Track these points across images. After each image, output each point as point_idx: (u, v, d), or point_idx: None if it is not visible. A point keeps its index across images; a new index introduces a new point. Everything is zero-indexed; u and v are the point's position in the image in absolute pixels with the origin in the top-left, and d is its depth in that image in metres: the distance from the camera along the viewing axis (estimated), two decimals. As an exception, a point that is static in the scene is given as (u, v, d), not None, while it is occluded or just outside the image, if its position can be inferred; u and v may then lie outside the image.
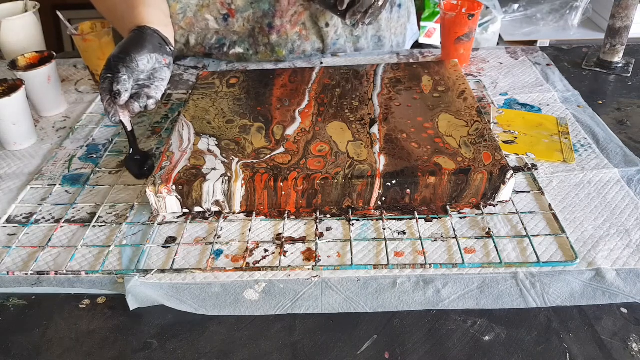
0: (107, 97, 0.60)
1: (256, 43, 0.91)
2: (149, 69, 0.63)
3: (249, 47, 0.92)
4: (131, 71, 0.60)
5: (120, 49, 0.62)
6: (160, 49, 0.65)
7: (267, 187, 0.56)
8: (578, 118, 0.73)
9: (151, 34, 0.66)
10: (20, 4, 0.95)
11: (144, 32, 0.65)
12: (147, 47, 0.63)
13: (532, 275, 0.49)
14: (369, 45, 0.97)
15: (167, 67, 0.65)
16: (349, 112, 0.67)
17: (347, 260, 0.52)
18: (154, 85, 0.62)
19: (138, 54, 0.62)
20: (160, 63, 0.64)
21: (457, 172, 0.55)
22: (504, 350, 0.43)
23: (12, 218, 0.61)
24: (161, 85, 0.64)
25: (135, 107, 0.61)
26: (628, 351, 0.43)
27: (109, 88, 0.59)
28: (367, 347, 0.44)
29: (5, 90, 0.73)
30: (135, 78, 0.61)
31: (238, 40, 0.92)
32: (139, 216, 0.59)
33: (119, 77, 0.59)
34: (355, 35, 0.94)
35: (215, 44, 0.93)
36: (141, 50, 0.62)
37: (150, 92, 0.62)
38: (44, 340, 0.46)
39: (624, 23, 0.82)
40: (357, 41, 0.95)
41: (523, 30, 1.59)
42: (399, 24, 0.98)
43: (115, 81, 0.59)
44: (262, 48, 0.92)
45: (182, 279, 0.51)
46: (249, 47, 0.92)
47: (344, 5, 0.76)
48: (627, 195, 0.58)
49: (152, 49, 0.64)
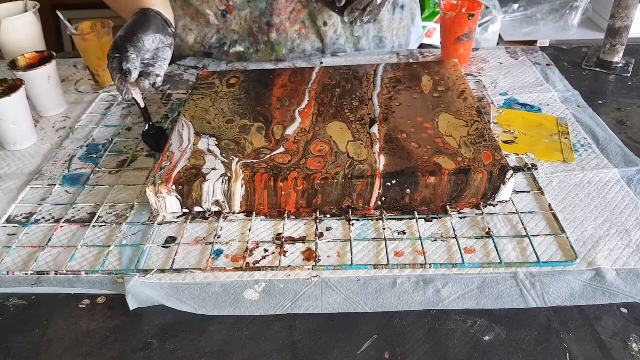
0: (118, 76, 0.62)
1: (256, 42, 0.91)
2: (153, 48, 0.66)
3: (250, 46, 0.92)
4: (138, 50, 0.63)
5: (127, 30, 0.65)
6: (163, 30, 0.68)
7: (267, 187, 0.56)
8: (578, 118, 0.73)
9: (154, 16, 0.68)
10: (20, 4, 0.95)
11: (148, 14, 0.68)
12: (151, 27, 0.66)
13: (532, 275, 0.49)
14: (370, 46, 0.97)
15: (169, 47, 0.69)
16: (349, 112, 0.67)
17: (347, 260, 0.52)
18: (157, 65, 0.65)
19: (144, 34, 0.64)
20: (163, 43, 0.67)
21: (457, 172, 0.55)
22: (504, 350, 0.43)
23: (12, 218, 0.61)
24: (164, 64, 0.67)
25: (145, 84, 0.63)
26: (628, 351, 0.43)
27: (119, 67, 0.62)
28: (367, 347, 0.44)
29: (5, 90, 0.73)
30: (142, 57, 0.64)
31: (238, 39, 0.92)
32: (139, 216, 0.59)
33: (128, 56, 0.61)
34: (356, 36, 0.94)
35: (216, 43, 0.93)
36: (146, 30, 0.65)
37: (156, 71, 0.64)
38: (44, 340, 0.46)
39: (624, 23, 0.82)
40: (357, 42, 0.95)
41: (523, 30, 1.59)
42: (401, 25, 0.98)
43: (124, 60, 0.61)
44: (262, 46, 0.92)
45: (182, 279, 0.51)
46: (250, 46, 0.92)
47: (342, 2, 0.76)
48: (627, 195, 0.58)
49: (156, 29, 0.66)
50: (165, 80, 0.91)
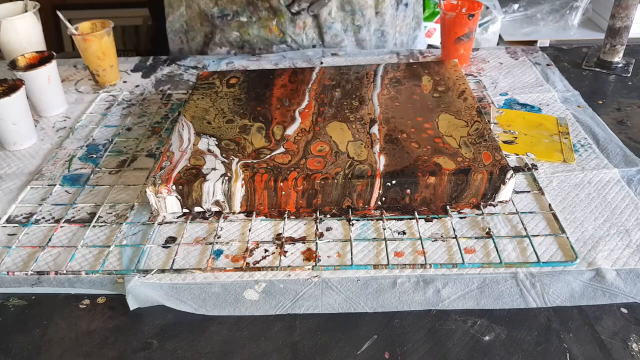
0: None
1: (257, 10, 0.93)
2: None
3: (251, 15, 0.94)
4: None
5: None
6: None
7: (267, 187, 0.56)
8: (578, 118, 0.73)
9: None
10: (20, 4, 0.95)
11: None
12: None
13: (532, 275, 0.49)
14: (372, 39, 0.97)
15: None
16: (349, 112, 0.67)
17: (347, 260, 0.52)
18: None
19: None
20: None
21: (457, 172, 0.55)
22: (504, 350, 0.43)
23: (12, 218, 0.61)
24: None
25: None
26: (628, 351, 0.43)
27: None
28: (367, 347, 0.44)
29: (5, 90, 0.73)
30: None
31: (239, 10, 0.94)
32: (139, 216, 0.59)
33: None
34: (356, 25, 0.95)
35: (218, 13, 0.95)
36: None
37: None
38: (44, 340, 0.46)
39: (624, 23, 0.82)
40: (358, 31, 0.95)
41: (523, 30, 1.59)
42: (404, 22, 0.99)
43: None
44: (264, 13, 0.93)
45: (182, 279, 0.51)
46: (251, 15, 0.94)
47: None
48: (627, 195, 0.58)
49: None
50: (165, 80, 0.91)
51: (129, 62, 0.98)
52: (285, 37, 0.94)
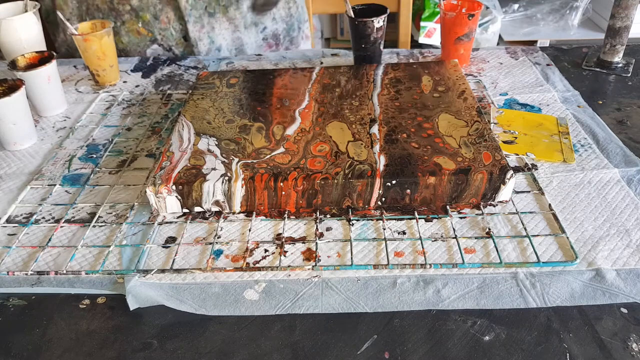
0: None
1: (119, 14, 0.95)
2: None
3: (115, 20, 0.97)
4: None
5: None
6: None
7: (267, 187, 0.56)
8: (578, 118, 0.73)
9: None
10: (20, 4, 0.95)
11: None
12: None
13: (532, 275, 0.49)
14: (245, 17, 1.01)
15: None
16: (349, 112, 0.67)
17: (347, 260, 0.52)
18: None
19: None
20: None
21: (457, 172, 0.55)
22: (504, 350, 0.43)
23: (12, 218, 0.61)
24: None
25: None
26: (628, 351, 0.43)
27: None
28: (367, 347, 0.44)
29: (5, 90, 0.73)
30: None
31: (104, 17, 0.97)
32: (139, 216, 0.59)
33: None
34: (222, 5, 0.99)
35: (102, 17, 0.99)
36: None
37: None
38: (44, 340, 0.46)
39: (624, 23, 0.83)
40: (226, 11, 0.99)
41: (523, 30, 1.59)
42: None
43: None
44: (127, 16, 0.96)
45: (182, 279, 0.51)
46: (115, 20, 0.97)
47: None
48: (627, 195, 0.58)
49: None
50: (165, 80, 0.91)
51: (128, 62, 0.98)
52: (155, 36, 0.96)
